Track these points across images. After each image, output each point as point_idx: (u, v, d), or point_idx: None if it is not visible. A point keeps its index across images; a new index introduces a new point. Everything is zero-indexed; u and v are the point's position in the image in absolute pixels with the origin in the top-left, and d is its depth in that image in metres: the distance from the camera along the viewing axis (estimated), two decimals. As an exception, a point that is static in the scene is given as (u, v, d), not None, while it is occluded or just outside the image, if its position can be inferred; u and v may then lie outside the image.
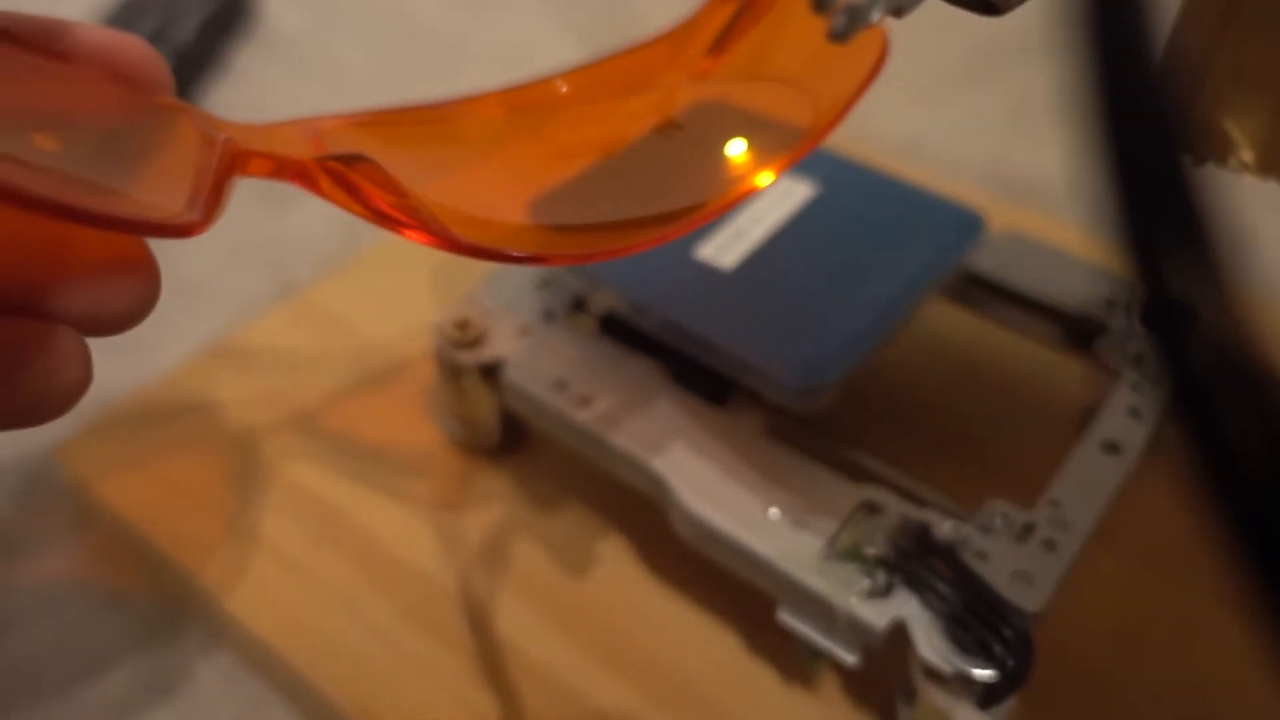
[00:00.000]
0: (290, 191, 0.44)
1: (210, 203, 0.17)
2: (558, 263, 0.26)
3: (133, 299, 0.17)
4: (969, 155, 0.45)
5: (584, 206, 0.23)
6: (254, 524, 0.28)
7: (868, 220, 0.29)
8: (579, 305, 0.29)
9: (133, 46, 0.19)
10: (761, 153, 0.24)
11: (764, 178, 0.23)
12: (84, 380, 0.17)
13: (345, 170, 0.19)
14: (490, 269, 0.30)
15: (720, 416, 0.26)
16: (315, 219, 0.41)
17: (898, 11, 0.15)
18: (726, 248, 0.28)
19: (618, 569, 0.28)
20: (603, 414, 0.26)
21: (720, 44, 0.27)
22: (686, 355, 0.27)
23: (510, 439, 0.30)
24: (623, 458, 0.26)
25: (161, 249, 0.39)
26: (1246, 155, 0.14)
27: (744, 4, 0.27)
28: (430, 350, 0.29)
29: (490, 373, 0.28)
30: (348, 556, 0.28)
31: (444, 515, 0.29)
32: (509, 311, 0.29)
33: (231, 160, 0.18)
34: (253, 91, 0.49)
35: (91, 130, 0.17)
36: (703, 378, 0.27)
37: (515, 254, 0.20)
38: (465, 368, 0.28)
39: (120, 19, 0.50)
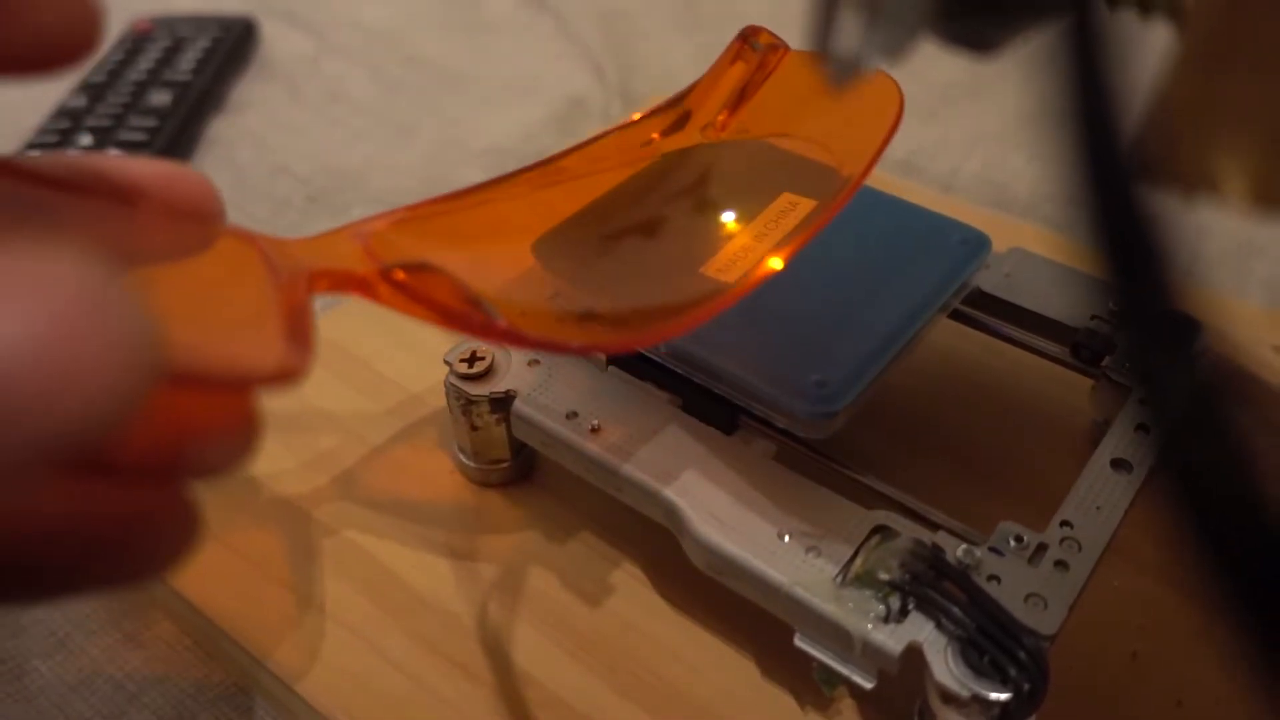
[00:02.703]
0: (291, 227, 0.44)
1: (305, 345, 0.16)
2: (614, 350, 0.27)
3: (246, 446, 0.17)
4: (968, 171, 0.45)
5: (635, 291, 0.24)
6: (266, 559, 0.29)
7: (874, 242, 0.29)
8: (587, 335, 0.29)
9: (188, 180, 0.18)
10: (785, 214, 0.24)
11: (801, 239, 0.23)
12: (200, 523, 0.17)
13: (411, 281, 0.19)
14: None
15: (730, 444, 0.26)
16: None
17: (892, 57, 0.15)
18: (732, 275, 0.28)
19: (633, 597, 0.28)
20: (613, 444, 0.26)
21: (737, 100, 0.27)
22: (695, 383, 0.27)
23: (522, 470, 0.30)
24: (635, 487, 0.26)
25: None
26: (1240, 191, 0.15)
27: (757, 62, 0.27)
28: (441, 383, 0.29)
29: (501, 404, 0.28)
30: (362, 589, 0.28)
31: (458, 547, 0.29)
32: (518, 343, 0.29)
33: (311, 288, 0.18)
34: (254, 123, 0.49)
35: (177, 280, 0.17)
36: (712, 406, 0.27)
37: (575, 345, 0.21)
38: (476, 400, 0.28)
39: (124, 53, 0.50)
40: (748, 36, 0.28)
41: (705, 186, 0.27)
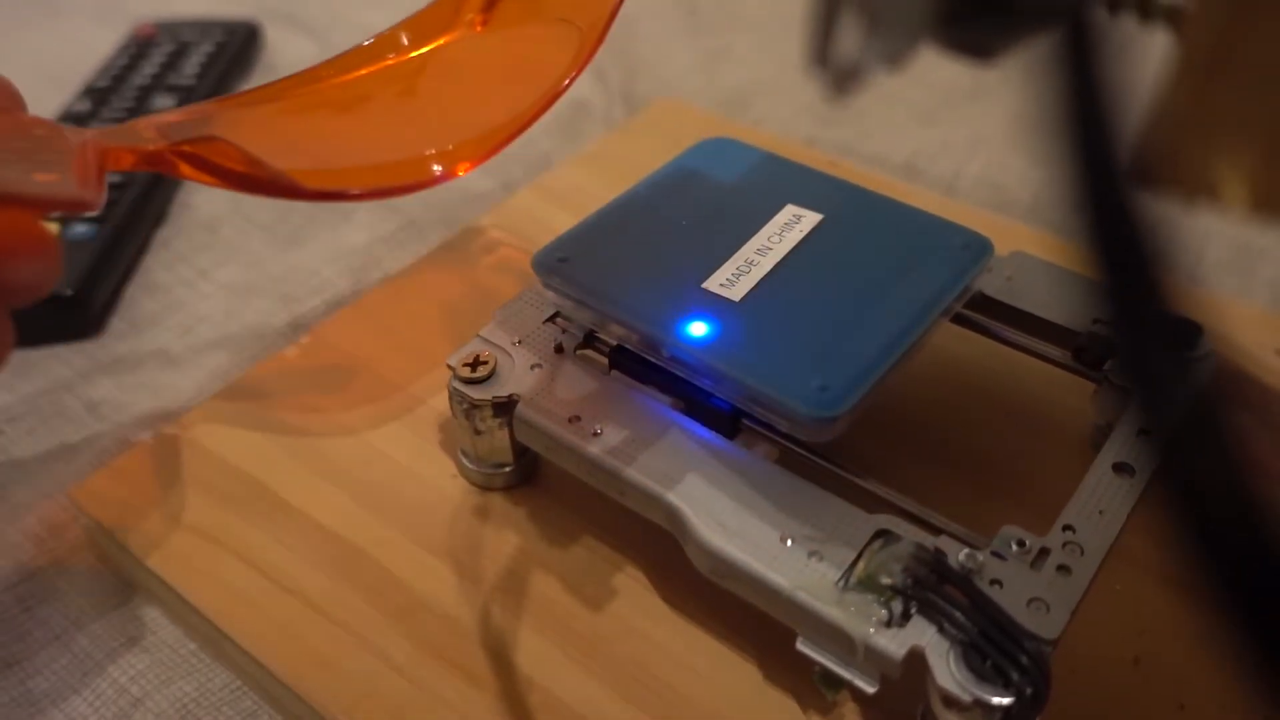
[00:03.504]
0: (294, 231, 0.44)
1: (97, 187, 0.22)
2: (392, 195, 0.32)
3: (46, 271, 0.22)
4: (969, 174, 0.45)
5: (399, 146, 0.27)
6: (272, 564, 0.29)
7: (876, 247, 0.29)
8: (590, 340, 0.29)
9: None
10: (541, 79, 0.28)
11: (549, 96, 0.27)
12: (11, 342, 0.23)
13: (198, 150, 0.23)
14: (501, 303, 0.30)
15: (733, 448, 0.26)
16: (320, 257, 0.41)
17: (892, 64, 0.15)
18: (735, 279, 0.28)
19: (634, 601, 0.28)
20: (616, 448, 0.26)
21: (489, 2, 0.31)
22: (698, 388, 0.27)
23: (524, 473, 0.30)
24: (637, 491, 0.26)
25: (172, 295, 0.39)
26: (1240, 196, 0.15)
27: None
28: (443, 387, 0.29)
29: (503, 408, 0.28)
30: (366, 594, 0.28)
31: (460, 550, 0.29)
32: (521, 347, 0.29)
33: (102, 156, 0.23)
34: (259, 127, 0.50)
35: None
36: (714, 410, 0.27)
37: (356, 191, 0.25)
38: (478, 404, 0.28)
39: (128, 58, 0.50)
40: None
41: (468, 69, 0.31)
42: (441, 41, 0.31)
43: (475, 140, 0.27)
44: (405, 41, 0.31)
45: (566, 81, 0.27)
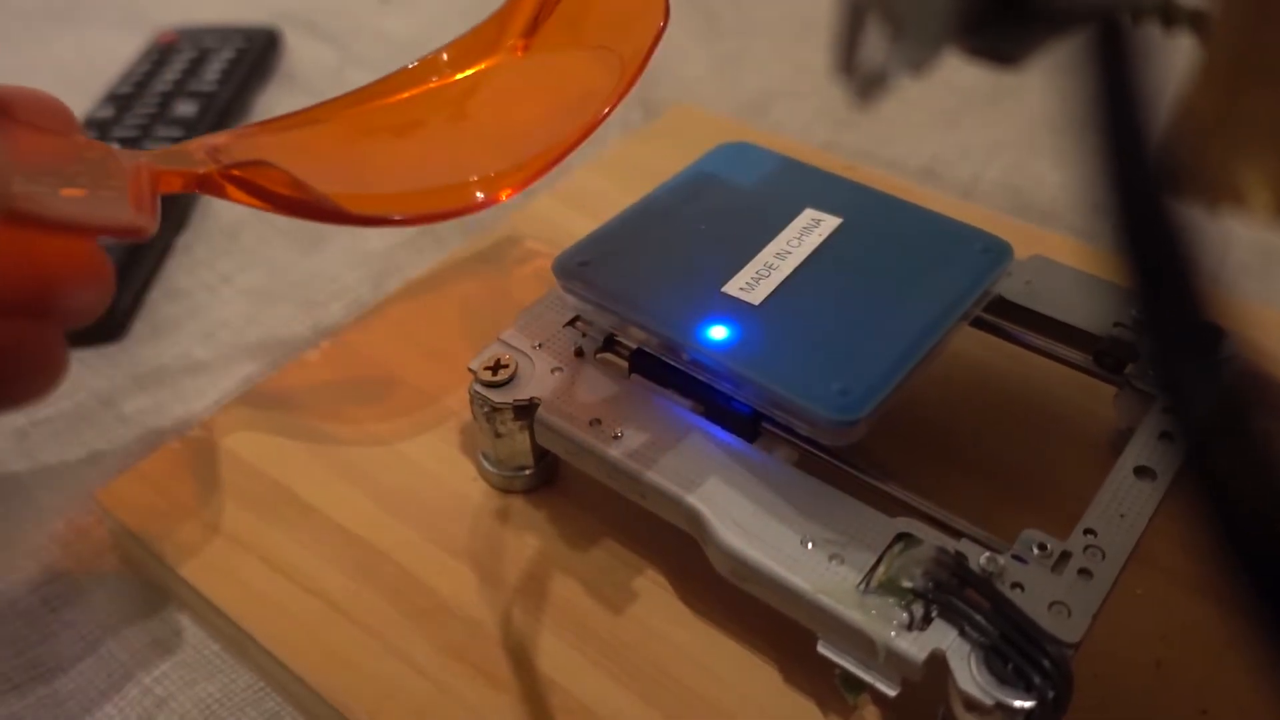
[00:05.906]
0: (315, 237, 0.44)
1: (150, 212, 0.22)
2: (434, 220, 0.32)
3: (101, 295, 0.23)
4: (989, 177, 0.45)
5: (442, 171, 0.28)
6: (295, 566, 0.29)
7: (896, 250, 0.29)
8: (610, 343, 0.29)
9: (43, 99, 0.23)
10: (583, 105, 0.28)
11: (589, 124, 0.27)
12: (67, 363, 0.23)
13: (247, 175, 0.24)
14: (521, 307, 0.31)
15: (753, 451, 0.26)
16: (340, 263, 0.42)
17: (917, 70, 0.15)
18: (755, 283, 0.28)
19: (655, 603, 0.28)
20: (636, 450, 0.26)
21: (531, 27, 0.32)
22: (718, 391, 0.27)
23: (545, 476, 0.31)
24: (658, 493, 0.26)
25: (194, 300, 0.40)
26: (1264, 201, 0.15)
27: None
28: (464, 390, 0.29)
29: (524, 411, 0.28)
30: (388, 596, 0.28)
31: (481, 553, 0.29)
32: (541, 351, 0.29)
33: (155, 180, 0.23)
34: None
35: (50, 171, 0.21)
36: (734, 413, 0.27)
37: (397, 218, 0.26)
38: (499, 407, 0.28)
39: (150, 64, 0.51)
40: None
41: (509, 94, 0.31)
42: (484, 66, 0.31)
43: (516, 167, 0.27)
44: (448, 65, 0.31)
45: (606, 110, 0.27)
